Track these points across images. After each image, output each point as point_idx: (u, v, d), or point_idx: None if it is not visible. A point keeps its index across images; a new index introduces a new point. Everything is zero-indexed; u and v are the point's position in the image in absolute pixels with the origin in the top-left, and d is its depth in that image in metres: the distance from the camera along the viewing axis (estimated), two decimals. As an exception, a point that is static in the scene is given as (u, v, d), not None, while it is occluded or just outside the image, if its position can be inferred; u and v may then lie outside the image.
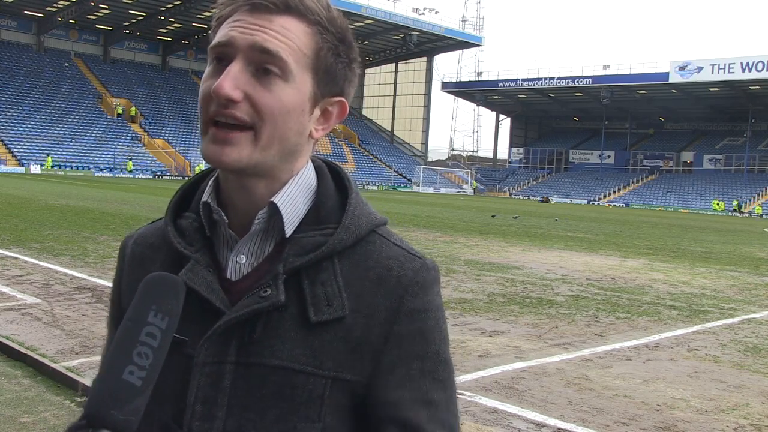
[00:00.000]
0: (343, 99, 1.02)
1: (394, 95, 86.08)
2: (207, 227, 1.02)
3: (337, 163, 1.10)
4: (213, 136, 0.94)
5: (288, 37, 0.94)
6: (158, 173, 56.44)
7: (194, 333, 0.95)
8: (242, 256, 0.99)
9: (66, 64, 65.51)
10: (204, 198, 1.02)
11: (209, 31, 1.02)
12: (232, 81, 0.91)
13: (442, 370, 0.99)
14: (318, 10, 0.96)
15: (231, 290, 0.98)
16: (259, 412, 0.94)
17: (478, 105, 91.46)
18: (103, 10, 62.87)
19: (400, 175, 75.40)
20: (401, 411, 0.95)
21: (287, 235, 0.99)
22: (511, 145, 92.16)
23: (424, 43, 76.13)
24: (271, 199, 0.98)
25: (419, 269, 0.99)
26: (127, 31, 68.76)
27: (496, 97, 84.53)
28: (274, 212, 0.99)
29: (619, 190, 74.99)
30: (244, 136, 0.94)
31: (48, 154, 51.23)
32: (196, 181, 1.09)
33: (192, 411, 0.94)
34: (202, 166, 61.90)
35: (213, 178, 1.04)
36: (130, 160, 56.24)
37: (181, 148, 61.40)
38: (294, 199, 1.00)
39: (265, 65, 0.93)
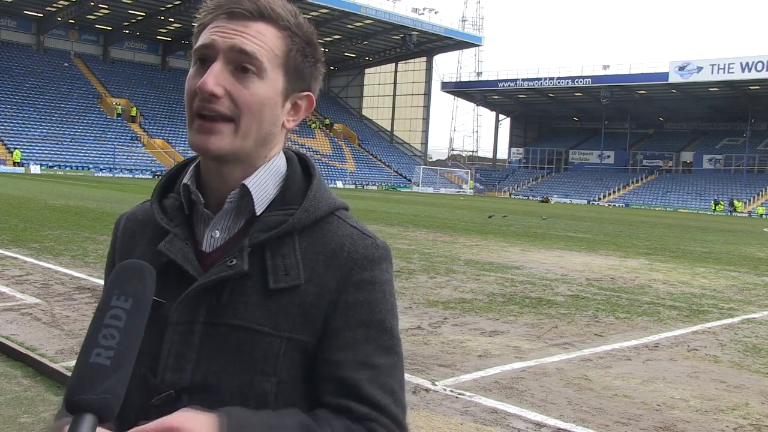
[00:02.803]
0: (311, 93, 1.16)
1: (394, 95, 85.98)
2: (186, 206, 1.16)
3: (306, 153, 1.22)
4: (199, 127, 1.07)
5: (262, 40, 1.08)
6: (158, 173, 56.56)
7: (171, 297, 1.09)
8: (216, 231, 1.13)
9: (66, 64, 65.46)
10: (185, 180, 1.16)
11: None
12: (215, 78, 1.05)
13: (386, 339, 1.10)
14: (287, 17, 1.11)
15: (204, 261, 1.11)
16: (222, 365, 1.07)
17: (477, 105, 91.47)
18: (102, 10, 62.82)
19: (400, 175, 75.37)
20: (342, 371, 1.07)
21: (257, 214, 1.11)
22: (511, 145, 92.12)
23: (423, 43, 76.06)
24: (243, 182, 1.11)
25: (369, 246, 1.12)
26: (127, 31, 68.72)
27: (496, 97, 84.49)
28: (245, 193, 1.11)
29: (619, 190, 74.99)
30: (226, 127, 1.07)
31: (15, 147, 50.68)
32: (181, 166, 1.22)
33: (165, 364, 1.08)
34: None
35: (195, 164, 1.18)
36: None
37: (181, 148, 61.35)
38: (265, 182, 1.13)
39: (242, 64, 1.07)
